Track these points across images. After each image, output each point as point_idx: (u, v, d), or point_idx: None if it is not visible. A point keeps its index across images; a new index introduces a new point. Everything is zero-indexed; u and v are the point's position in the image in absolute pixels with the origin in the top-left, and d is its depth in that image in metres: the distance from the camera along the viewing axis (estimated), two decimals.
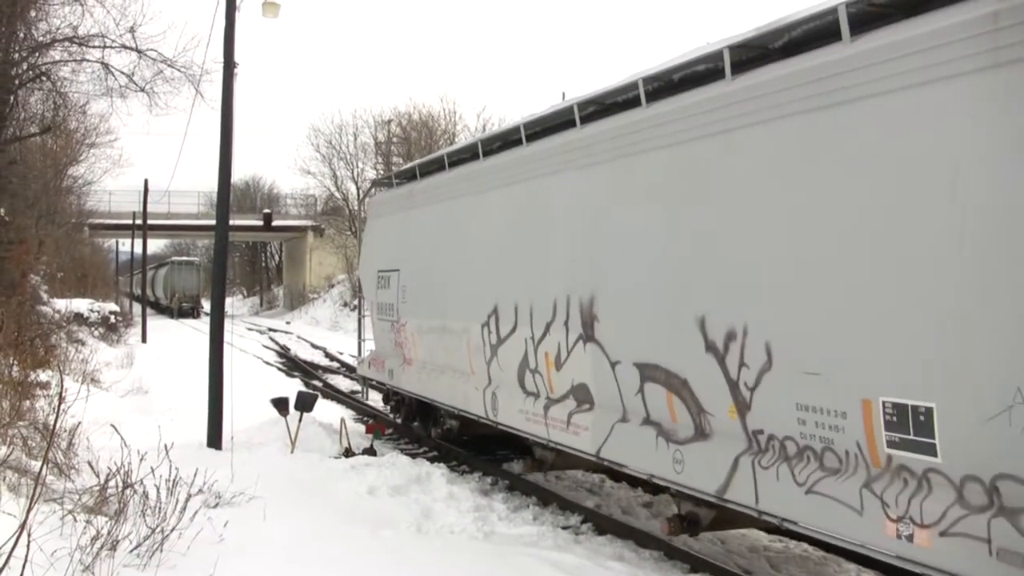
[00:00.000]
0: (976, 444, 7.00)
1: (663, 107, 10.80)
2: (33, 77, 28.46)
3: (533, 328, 13.48)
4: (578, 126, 12.71)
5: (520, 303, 13.85)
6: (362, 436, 19.32)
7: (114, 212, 75.00)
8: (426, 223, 18.09)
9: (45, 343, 24.69)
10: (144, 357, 37.85)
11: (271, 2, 20.95)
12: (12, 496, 9.61)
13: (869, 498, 7.87)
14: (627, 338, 11.35)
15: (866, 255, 7.86)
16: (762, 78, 9.21)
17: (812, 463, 8.53)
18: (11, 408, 13.52)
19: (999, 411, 6.74)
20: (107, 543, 8.60)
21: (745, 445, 9.36)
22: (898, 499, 7.59)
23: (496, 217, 15.00)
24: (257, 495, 12.43)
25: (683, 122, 10.33)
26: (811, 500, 8.48)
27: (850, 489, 8.06)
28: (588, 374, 12.20)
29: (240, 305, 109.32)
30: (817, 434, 8.47)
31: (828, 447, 8.34)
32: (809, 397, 8.52)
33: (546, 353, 13.18)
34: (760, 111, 9.16)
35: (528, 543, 12.15)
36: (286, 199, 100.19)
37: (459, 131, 64.63)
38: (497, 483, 15.97)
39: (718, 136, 9.77)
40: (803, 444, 8.65)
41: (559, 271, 12.83)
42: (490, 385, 15.16)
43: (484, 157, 15.80)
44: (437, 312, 17.30)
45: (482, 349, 15.22)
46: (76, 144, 47.27)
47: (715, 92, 9.87)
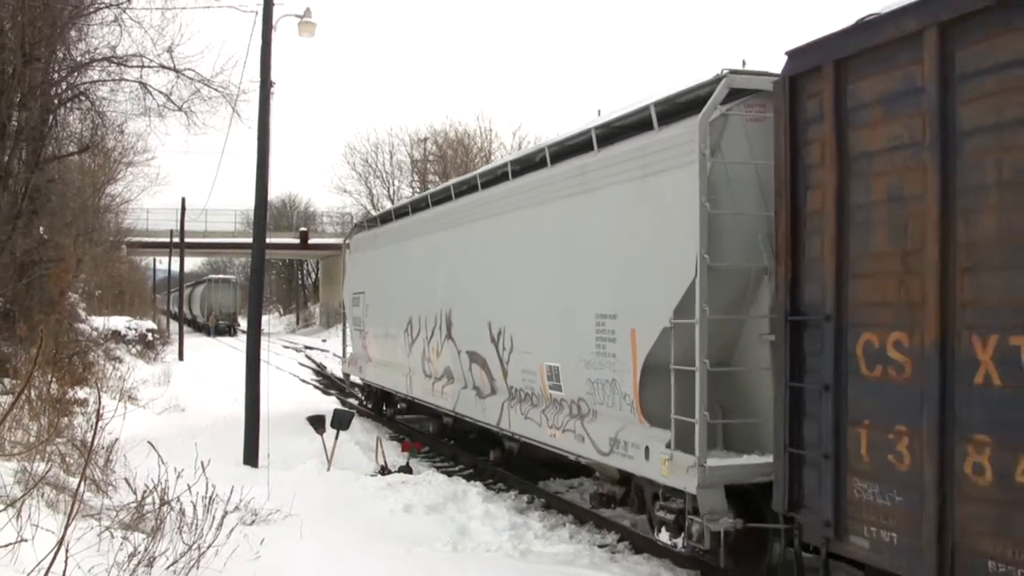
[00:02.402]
0: (574, 385, 13.49)
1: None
2: (72, 96, 28.63)
3: (426, 332, 20.34)
4: (452, 199, 19.35)
5: (422, 316, 20.64)
6: (398, 453, 19.32)
7: (151, 230, 75.23)
8: (382, 259, 24.74)
9: (83, 360, 24.88)
10: (181, 375, 37.99)
11: (307, 21, 21.05)
12: (50, 512, 9.64)
13: (543, 417, 14.49)
14: (464, 336, 18.07)
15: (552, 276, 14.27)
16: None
17: (526, 402, 15.24)
18: (49, 425, 13.61)
19: (580, 367, 13.12)
20: (144, 560, 8.61)
21: (507, 396, 15.95)
22: (554, 417, 14.15)
23: (413, 257, 21.72)
24: (293, 513, 12.44)
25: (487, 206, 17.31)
26: (525, 422, 15.10)
27: (538, 414, 14.69)
28: (449, 360, 18.93)
29: (276, 323, 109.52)
30: (527, 386, 15.16)
31: (531, 392, 15.08)
32: (525, 365, 15.13)
33: (433, 348, 19.87)
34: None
35: (564, 561, 12.08)
36: (322, 217, 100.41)
37: (495, 149, 64.59)
38: (533, 501, 15.92)
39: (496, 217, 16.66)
40: (524, 392, 15.30)
41: (438, 296, 19.51)
42: (409, 372, 21.88)
43: (412, 213, 22.45)
44: (384, 322, 24.28)
45: (405, 347, 22.05)
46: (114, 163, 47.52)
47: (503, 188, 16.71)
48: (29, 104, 25.43)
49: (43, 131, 27.40)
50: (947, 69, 7.26)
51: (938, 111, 7.30)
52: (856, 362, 8.23)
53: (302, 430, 19.32)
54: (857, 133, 8.29)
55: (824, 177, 8.54)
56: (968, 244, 7.07)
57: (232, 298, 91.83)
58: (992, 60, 6.89)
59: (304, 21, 21.03)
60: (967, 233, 7.09)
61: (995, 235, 6.87)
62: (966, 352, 7.06)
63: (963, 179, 7.14)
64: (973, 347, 6.98)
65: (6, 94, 24.58)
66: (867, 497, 8.08)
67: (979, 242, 7.01)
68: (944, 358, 7.20)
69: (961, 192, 7.14)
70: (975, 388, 6.96)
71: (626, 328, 11.94)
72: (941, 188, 7.25)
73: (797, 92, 9.02)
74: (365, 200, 78.95)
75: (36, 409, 14.30)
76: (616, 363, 12.21)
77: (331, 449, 17.62)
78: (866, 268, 8.17)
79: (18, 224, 25.69)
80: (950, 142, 7.22)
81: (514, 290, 15.53)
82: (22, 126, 25.89)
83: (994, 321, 6.85)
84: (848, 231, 8.32)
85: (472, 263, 17.58)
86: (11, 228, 24.91)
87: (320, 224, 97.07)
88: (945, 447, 7.20)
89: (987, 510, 6.88)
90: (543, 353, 14.35)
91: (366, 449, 19.67)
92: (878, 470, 7.95)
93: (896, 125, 7.84)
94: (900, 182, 7.79)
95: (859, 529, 8.16)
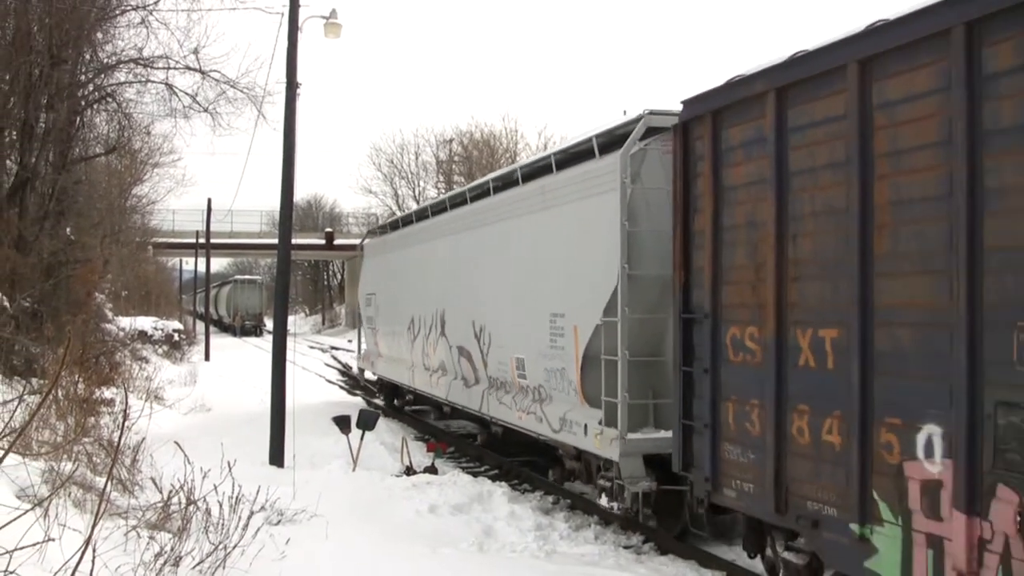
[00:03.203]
0: (535, 374, 15.69)
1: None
2: (99, 98, 28.76)
3: (425, 329, 22.71)
4: (447, 211, 21.89)
5: (422, 315, 23.02)
6: (423, 454, 19.33)
7: (178, 231, 75.46)
8: (390, 263, 27.48)
9: (110, 361, 24.97)
10: (207, 375, 38.16)
11: (333, 23, 21.08)
12: (77, 512, 9.68)
13: (512, 401, 16.84)
14: (454, 332, 20.33)
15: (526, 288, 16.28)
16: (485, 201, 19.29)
17: (500, 390, 17.63)
18: (76, 425, 13.66)
19: (539, 358, 15.36)
20: (170, 559, 8.63)
21: (487, 384, 18.38)
22: (521, 401, 16.46)
23: (415, 262, 24.07)
24: (319, 513, 12.46)
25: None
26: (500, 407, 17.55)
27: (509, 400, 17.01)
28: (443, 354, 21.26)
29: (302, 323, 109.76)
30: (502, 375, 17.38)
31: (504, 381, 17.33)
32: (500, 358, 17.38)
33: (431, 344, 22.25)
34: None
35: (589, 562, 12.08)
36: (348, 218, 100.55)
37: (520, 149, 64.47)
38: (559, 502, 15.90)
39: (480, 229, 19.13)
40: (500, 381, 17.59)
41: (435, 297, 21.88)
42: (412, 366, 24.27)
43: (416, 221, 25.01)
44: (391, 321, 26.84)
45: (408, 344, 24.40)
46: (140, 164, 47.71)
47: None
48: (56, 106, 25.57)
49: (70, 132, 27.55)
50: (782, 123, 9.37)
51: (775, 156, 9.41)
52: (726, 350, 10.40)
53: (328, 430, 19.37)
54: (727, 170, 10.42)
55: (705, 204, 10.72)
56: (794, 260, 9.25)
57: (258, 299, 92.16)
58: (808, 118, 9.06)
59: (330, 22, 21.06)
60: (793, 251, 9.27)
61: (811, 254, 9.07)
62: (792, 341, 9.24)
63: (791, 210, 9.29)
64: (797, 338, 9.18)
65: (34, 96, 24.73)
66: (733, 457, 10.26)
67: (801, 259, 9.19)
68: (779, 346, 9.37)
69: (791, 219, 9.28)
70: (798, 369, 9.16)
71: (571, 325, 14.15)
72: (777, 216, 9.40)
73: (689, 134, 11.19)
74: (390, 201, 79.06)
75: (63, 409, 14.35)
76: (564, 355, 14.45)
77: (357, 449, 17.65)
78: (732, 277, 10.35)
79: (45, 225, 25.86)
80: (784, 180, 9.35)
81: (493, 292, 17.88)
82: (49, 128, 26.03)
83: (810, 318, 9.05)
84: (721, 248, 10.50)
85: (462, 268, 20.03)
86: (38, 229, 25.06)
87: (346, 225, 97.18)
88: (779, 415, 9.37)
89: (806, 463, 9.09)
90: (513, 347, 16.77)
91: (391, 450, 19.69)
92: (739, 435, 10.11)
93: (751, 165, 9.95)
94: (753, 210, 9.91)
95: (729, 483, 10.33)
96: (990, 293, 7.06)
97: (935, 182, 7.59)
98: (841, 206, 8.58)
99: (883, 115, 8.17)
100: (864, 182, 8.29)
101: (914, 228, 7.85)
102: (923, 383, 7.69)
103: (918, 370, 7.77)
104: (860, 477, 8.28)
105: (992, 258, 7.05)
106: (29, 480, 9.41)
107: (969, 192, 7.18)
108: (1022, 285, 6.82)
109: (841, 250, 8.57)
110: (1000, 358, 6.94)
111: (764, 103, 9.58)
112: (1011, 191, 6.92)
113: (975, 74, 7.19)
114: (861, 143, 8.32)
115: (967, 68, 7.22)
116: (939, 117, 7.57)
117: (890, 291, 8.09)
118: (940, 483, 7.50)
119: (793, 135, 9.25)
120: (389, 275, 27.24)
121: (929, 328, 7.64)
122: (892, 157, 8.09)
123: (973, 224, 7.15)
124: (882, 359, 8.15)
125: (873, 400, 8.21)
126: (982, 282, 7.11)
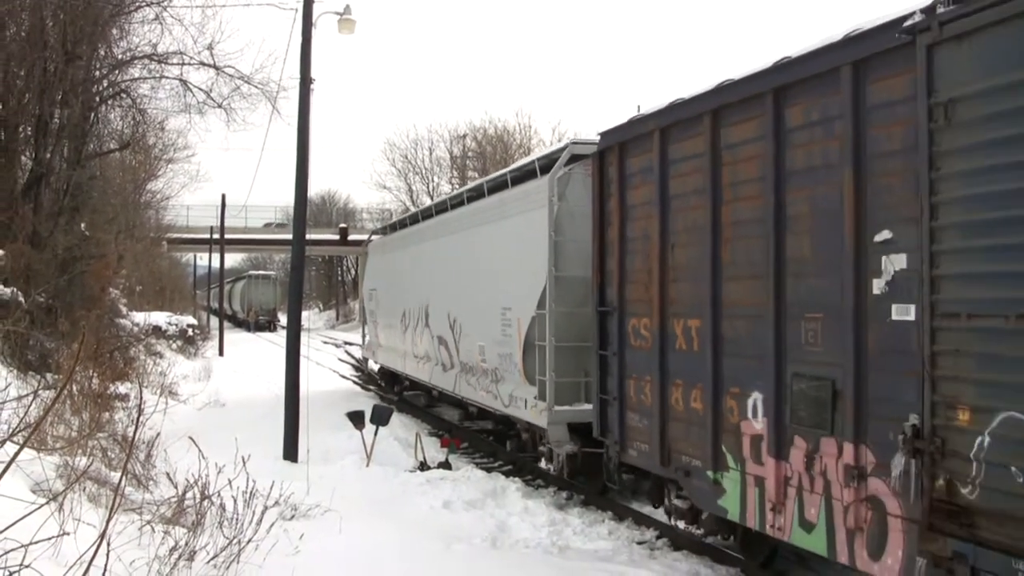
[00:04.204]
0: (492, 358, 18.14)
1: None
2: (113, 94, 28.84)
3: (414, 321, 25.39)
4: (433, 216, 24.71)
5: (411, 309, 25.81)
6: (437, 449, 19.34)
7: (192, 226, 75.62)
8: (388, 262, 30.50)
9: (124, 356, 25.01)
10: (221, 370, 38.21)
11: (347, 19, 21.08)
12: (92, 506, 9.70)
13: (477, 382, 19.35)
14: (435, 323, 23.06)
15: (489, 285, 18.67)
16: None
17: (469, 373, 20.15)
18: (91, 420, 13.69)
19: (495, 345, 17.81)
20: (185, 553, 8.64)
21: (460, 368, 21.02)
22: (482, 382, 18.94)
23: (407, 262, 27.02)
24: (333, 508, 12.47)
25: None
26: (468, 387, 20.23)
27: (475, 381, 19.57)
28: (427, 343, 23.94)
29: (316, 319, 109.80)
30: (470, 360, 19.93)
31: (472, 365, 19.88)
32: (468, 345, 19.96)
33: (418, 334, 24.90)
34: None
35: (603, 558, 12.07)
36: (362, 213, 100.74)
37: (534, 145, 64.38)
38: (572, 498, 15.90)
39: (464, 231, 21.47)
40: (468, 365, 20.19)
41: (421, 293, 24.60)
42: (404, 354, 27.08)
43: (410, 225, 27.94)
44: (389, 314, 29.53)
45: (401, 334, 27.12)
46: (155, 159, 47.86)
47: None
48: (71, 102, 25.65)
49: (84, 128, 27.65)
50: (664, 156, 11.75)
51: (659, 182, 11.78)
52: (629, 337, 12.81)
53: (341, 425, 19.40)
54: (630, 192, 12.84)
55: (615, 219, 13.16)
56: (672, 266, 11.62)
57: (272, 294, 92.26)
58: (681, 153, 11.42)
59: (344, 18, 21.07)
60: (672, 259, 11.62)
61: (683, 261, 11.38)
62: (671, 330, 11.63)
63: (671, 226, 11.64)
64: (674, 327, 11.55)
65: (48, 92, 24.80)
66: (634, 424, 12.61)
67: (676, 265, 11.53)
68: (662, 334, 11.75)
69: (670, 234, 11.64)
70: (675, 351, 11.55)
71: (516, 317, 16.94)
72: (661, 231, 11.76)
73: (604, 161, 13.59)
74: (404, 196, 79.17)
75: (78, 404, 14.38)
76: (511, 341, 17.20)
77: (370, 445, 17.68)
78: (633, 278, 12.75)
79: (60, 220, 25.94)
80: (665, 202, 11.72)
81: (463, 289, 20.75)
82: (64, 123, 26.13)
83: (682, 311, 11.39)
84: (625, 255, 12.94)
85: (442, 268, 22.92)
86: (53, 224, 25.15)
87: (360, 220, 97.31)
88: (663, 389, 11.73)
89: (681, 426, 11.45)
90: (478, 335, 19.39)
91: (405, 445, 19.71)
92: (638, 406, 12.48)
93: (645, 189, 12.31)
94: (646, 226, 12.23)
95: (632, 444, 12.68)
96: (789, 293, 9.45)
97: (758, 208, 9.90)
98: (701, 224, 10.85)
99: (728, 154, 10.50)
100: (715, 206, 10.64)
101: (745, 243, 10.20)
102: (751, 362, 10.01)
103: (748, 351, 10.08)
104: (713, 435, 10.66)
105: (789, 267, 9.44)
106: (44, 475, 9.43)
107: (776, 217, 9.57)
108: (806, 287, 9.24)
109: (701, 259, 10.86)
110: (795, 341, 9.35)
111: (652, 140, 11.97)
112: (800, 218, 9.31)
113: (781, 128, 9.56)
114: (713, 175, 10.66)
115: (775, 123, 9.59)
116: (759, 159, 9.88)
117: (731, 291, 10.46)
118: (761, 436, 9.85)
119: (672, 166, 11.63)
120: (387, 273, 30.44)
121: (755, 320, 9.94)
122: (733, 187, 10.42)
123: (779, 242, 9.54)
124: (727, 344, 10.51)
125: (722, 375, 10.56)
126: (784, 285, 9.50)
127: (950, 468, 7.41)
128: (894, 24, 7.99)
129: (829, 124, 8.93)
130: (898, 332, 8.05)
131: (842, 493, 8.72)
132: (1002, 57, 7.07)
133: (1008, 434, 6.90)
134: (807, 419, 9.12)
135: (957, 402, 7.35)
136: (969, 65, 7.33)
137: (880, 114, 8.36)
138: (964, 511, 7.29)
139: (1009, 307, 6.91)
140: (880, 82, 8.34)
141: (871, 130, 8.45)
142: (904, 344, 7.95)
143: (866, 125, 8.50)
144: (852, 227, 8.53)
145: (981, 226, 7.19)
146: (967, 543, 7.22)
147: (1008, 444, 6.90)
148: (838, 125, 8.78)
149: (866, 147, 8.49)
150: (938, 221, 7.54)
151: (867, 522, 8.46)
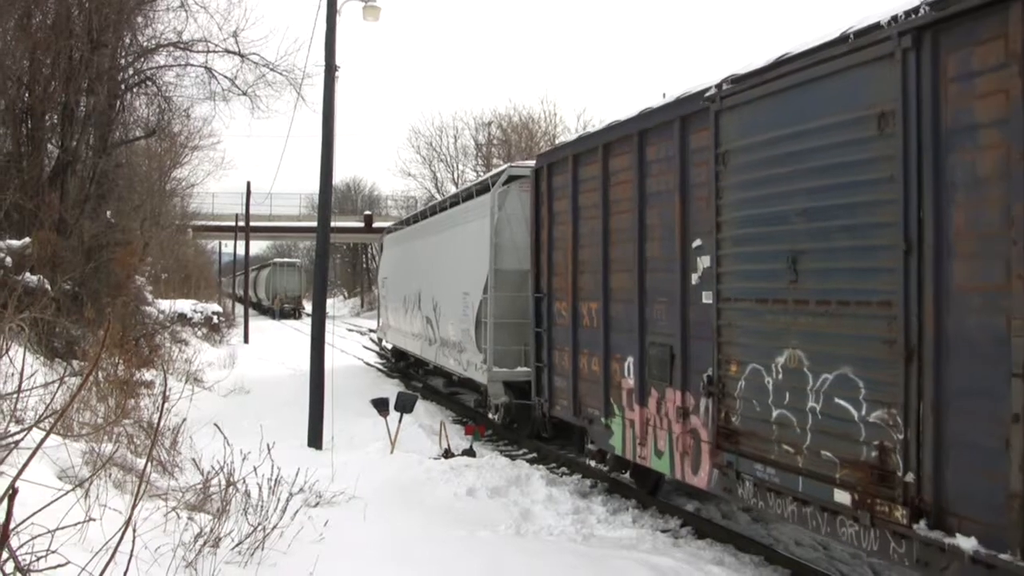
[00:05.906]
0: (457, 333, 23.08)
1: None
2: (139, 82, 28.91)
3: (412, 305, 29.71)
4: (427, 218, 29.94)
5: (410, 295, 30.23)
6: (461, 437, 19.35)
7: (217, 214, 75.62)
8: (396, 254, 35.95)
9: (150, 343, 25.14)
10: (246, 357, 38.35)
11: (372, 5, 21.10)
12: (118, 492, 9.73)
13: (449, 352, 24.30)
14: (424, 307, 27.42)
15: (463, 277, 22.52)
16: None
17: (445, 346, 24.70)
18: (117, 406, 13.74)
19: (459, 322, 22.74)
20: (210, 540, 8.65)
21: (440, 343, 25.20)
22: (452, 352, 23.92)
23: (409, 255, 32.02)
24: (357, 495, 12.50)
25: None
26: (445, 358, 24.86)
27: (447, 351, 24.41)
28: (420, 323, 28.37)
29: (341, 306, 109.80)
30: (445, 336, 24.51)
31: (447, 340, 24.32)
32: (450, 325, 23.82)
33: (415, 316, 29.32)
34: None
35: (627, 546, 12.01)
36: (387, 201, 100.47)
37: (559, 132, 64.05)
38: (596, 485, 15.85)
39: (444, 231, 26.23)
40: (444, 339, 24.70)
41: (417, 282, 29.10)
42: (406, 334, 31.50)
43: (413, 223, 33.20)
44: (396, 299, 33.97)
45: (404, 316, 31.66)
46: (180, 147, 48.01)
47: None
48: (97, 90, 25.73)
49: (110, 116, 27.73)
50: (576, 177, 14.91)
51: (572, 196, 14.98)
52: (554, 317, 15.97)
53: (366, 412, 19.40)
54: (555, 203, 15.91)
55: (545, 224, 16.33)
56: (581, 261, 14.79)
57: (297, 281, 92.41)
58: (586, 174, 14.57)
59: (369, 5, 21.09)
60: (580, 256, 14.81)
61: (587, 258, 14.57)
62: (580, 310, 14.83)
63: (579, 231, 14.81)
64: (581, 308, 14.77)
65: (74, 80, 24.90)
66: (559, 385, 15.79)
67: (583, 260, 14.74)
68: (574, 314, 14.95)
69: (580, 236, 14.81)
70: (583, 328, 14.74)
71: (472, 301, 21.14)
72: (573, 234, 14.95)
73: (539, 178, 16.60)
74: (429, 184, 78.88)
75: (104, 391, 14.43)
76: (468, 319, 21.44)
77: (395, 432, 17.68)
78: (557, 271, 15.92)
79: (86, 208, 26.04)
80: (576, 212, 14.90)
81: (441, 278, 25.39)
82: (90, 112, 26.21)
83: (586, 296, 14.60)
84: (552, 252, 16.10)
85: (428, 262, 27.87)
86: (79, 212, 25.24)
87: (385, 208, 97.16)
88: (575, 356, 14.96)
89: (588, 385, 14.61)
90: (450, 315, 23.87)
91: (429, 432, 19.73)
92: (560, 371, 15.69)
93: (564, 201, 15.40)
94: (566, 230, 15.27)
95: (557, 402, 15.90)
96: (648, 283, 12.64)
97: (629, 220, 13.02)
98: (597, 230, 14.02)
99: (613, 178, 13.69)
100: (605, 217, 13.83)
101: (623, 246, 13.35)
102: (627, 334, 13.21)
103: (625, 327, 13.29)
104: (605, 391, 13.93)
105: (647, 264, 12.64)
106: (70, 461, 9.47)
107: (639, 227, 12.75)
108: (656, 279, 12.39)
109: (597, 256, 14.06)
110: (650, 318, 12.60)
111: (568, 163, 15.10)
112: (654, 228, 12.47)
113: (643, 161, 12.69)
114: (604, 194, 13.84)
115: (639, 157, 12.75)
116: (631, 183, 12.99)
117: (615, 281, 13.63)
118: (633, 390, 13.07)
119: (580, 184, 14.78)
120: (394, 264, 36.07)
121: (628, 303, 13.12)
122: (615, 203, 13.59)
123: (641, 245, 12.71)
124: (613, 321, 13.74)
125: (610, 345, 13.78)
126: (645, 277, 12.68)
127: (727, 405, 10.63)
128: (701, 94, 11.05)
129: (670, 161, 11.97)
130: (705, 311, 11.12)
131: (676, 427, 11.89)
132: (750, 124, 10.16)
133: (752, 379, 10.09)
134: (657, 375, 12.34)
135: (730, 358, 10.59)
136: (735, 128, 10.43)
137: (697, 156, 11.39)
138: (733, 433, 10.49)
139: (752, 294, 10.13)
140: (697, 133, 11.38)
141: (692, 167, 11.55)
142: (707, 319, 11.01)
143: (689, 164, 11.60)
144: (680, 236, 11.68)
145: (739, 239, 10.38)
146: (734, 455, 10.40)
147: (752, 386, 10.10)
148: (674, 162, 11.84)
149: (689, 179, 11.60)
150: (721, 234, 10.68)
151: (690, 447, 11.61)
